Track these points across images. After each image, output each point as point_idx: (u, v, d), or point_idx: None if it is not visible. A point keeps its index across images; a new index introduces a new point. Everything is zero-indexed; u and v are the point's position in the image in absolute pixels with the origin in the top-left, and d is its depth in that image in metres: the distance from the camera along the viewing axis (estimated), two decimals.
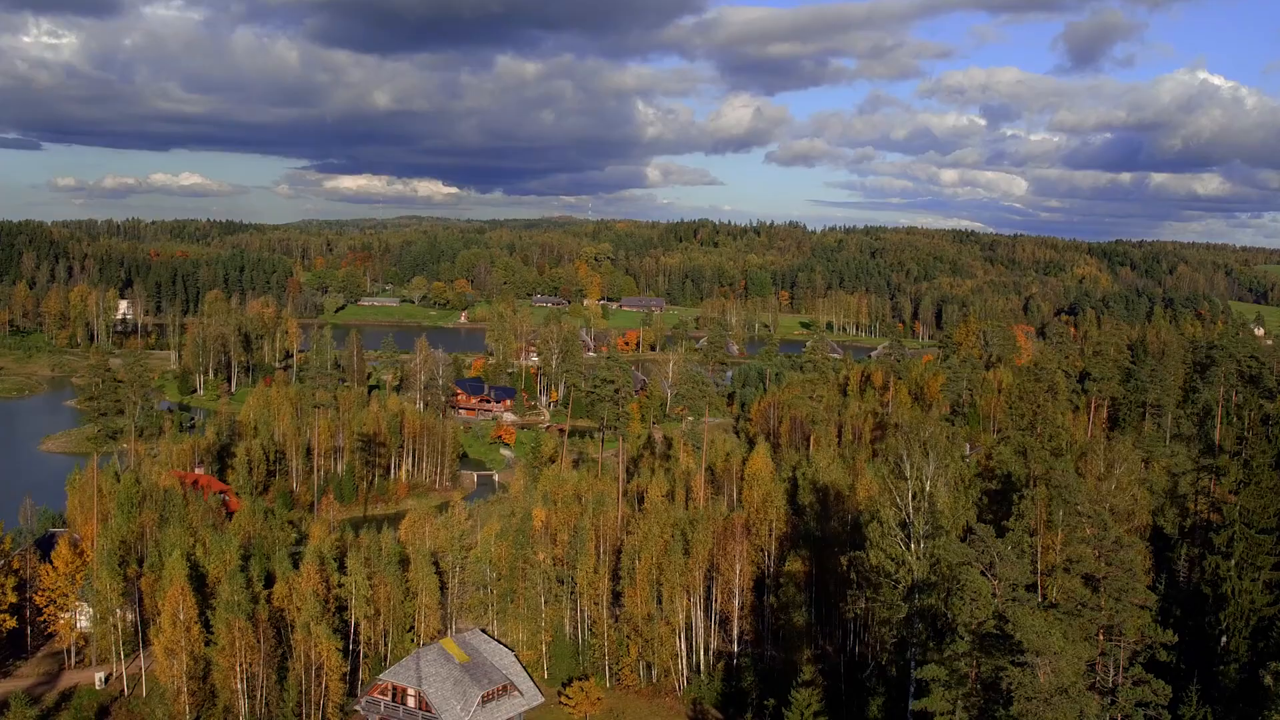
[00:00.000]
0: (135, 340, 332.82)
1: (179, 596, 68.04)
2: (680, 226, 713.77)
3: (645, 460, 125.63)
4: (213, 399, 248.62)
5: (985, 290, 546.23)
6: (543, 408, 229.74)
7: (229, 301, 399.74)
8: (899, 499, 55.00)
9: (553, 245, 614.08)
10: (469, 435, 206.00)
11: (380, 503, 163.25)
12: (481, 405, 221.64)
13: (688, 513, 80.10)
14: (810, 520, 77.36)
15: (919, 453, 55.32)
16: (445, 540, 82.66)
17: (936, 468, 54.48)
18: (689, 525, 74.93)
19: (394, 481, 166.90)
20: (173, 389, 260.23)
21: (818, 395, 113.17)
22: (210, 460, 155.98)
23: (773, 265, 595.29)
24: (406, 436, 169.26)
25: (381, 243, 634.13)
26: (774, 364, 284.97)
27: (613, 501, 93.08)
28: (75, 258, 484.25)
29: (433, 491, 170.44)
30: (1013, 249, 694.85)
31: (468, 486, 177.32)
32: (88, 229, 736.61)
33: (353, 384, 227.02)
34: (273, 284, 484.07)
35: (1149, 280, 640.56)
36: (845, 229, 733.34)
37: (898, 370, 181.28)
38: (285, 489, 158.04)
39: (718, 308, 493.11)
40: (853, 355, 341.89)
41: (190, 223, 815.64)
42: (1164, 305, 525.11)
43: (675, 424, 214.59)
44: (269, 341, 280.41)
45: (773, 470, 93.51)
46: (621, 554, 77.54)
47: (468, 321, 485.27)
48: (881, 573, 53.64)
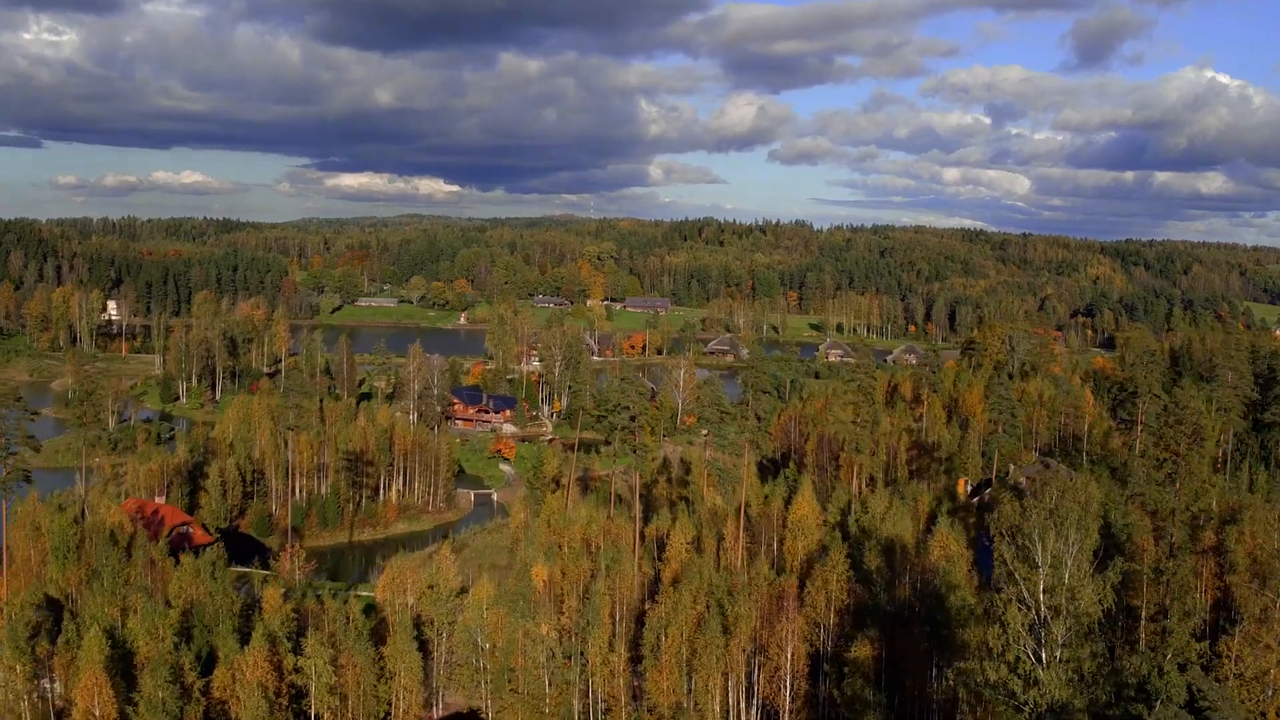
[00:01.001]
0: (120, 343, 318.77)
1: (94, 688, 54.45)
2: (684, 225, 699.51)
3: (660, 489, 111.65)
4: (196, 407, 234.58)
5: (999, 291, 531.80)
6: (545, 418, 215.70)
7: (219, 303, 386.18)
8: (1027, 592, 41.13)
9: (554, 244, 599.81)
10: (466, 449, 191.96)
11: (368, 526, 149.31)
12: (479, 416, 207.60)
13: (724, 577, 66.20)
14: (878, 587, 63.50)
15: (1047, 526, 41.47)
16: (430, 601, 68.82)
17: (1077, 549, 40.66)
18: (727, 596, 61.12)
19: (383, 503, 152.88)
20: (155, 396, 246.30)
21: (861, 418, 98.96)
22: (180, 482, 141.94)
23: (780, 265, 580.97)
24: (397, 454, 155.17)
25: (380, 241, 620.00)
26: (789, 370, 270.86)
27: (628, 548, 79.49)
28: (64, 256, 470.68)
29: (425, 513, 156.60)
30: (1024, 248, 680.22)
31: (464, 507, 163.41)
32: (83, 227, 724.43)
33: (343, 392, 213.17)
34: (267, 284, 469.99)
35: (1164, 280, 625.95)
36: (852, 228, 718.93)
37: (932, 382, 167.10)
38: (263, 512, 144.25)
39: (725, 309, 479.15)
40: (873, 358, 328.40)
41: (187, 221, 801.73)
42: (1183, 307, 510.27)
43: (688, 437, 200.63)
44: (258, 345, 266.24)
45: (819, 515, 79.63)
46: (644, 625, 63.76)
47: (467, 322, 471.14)
48: (1002, 692, 39.96)
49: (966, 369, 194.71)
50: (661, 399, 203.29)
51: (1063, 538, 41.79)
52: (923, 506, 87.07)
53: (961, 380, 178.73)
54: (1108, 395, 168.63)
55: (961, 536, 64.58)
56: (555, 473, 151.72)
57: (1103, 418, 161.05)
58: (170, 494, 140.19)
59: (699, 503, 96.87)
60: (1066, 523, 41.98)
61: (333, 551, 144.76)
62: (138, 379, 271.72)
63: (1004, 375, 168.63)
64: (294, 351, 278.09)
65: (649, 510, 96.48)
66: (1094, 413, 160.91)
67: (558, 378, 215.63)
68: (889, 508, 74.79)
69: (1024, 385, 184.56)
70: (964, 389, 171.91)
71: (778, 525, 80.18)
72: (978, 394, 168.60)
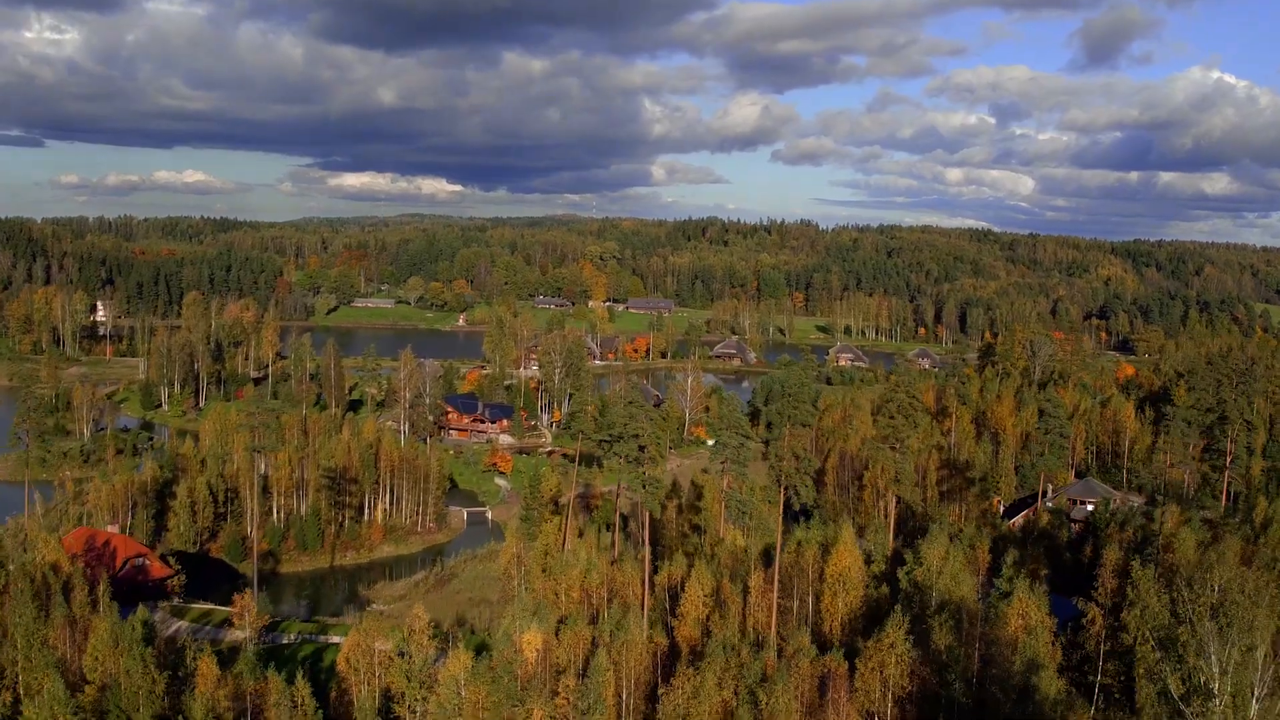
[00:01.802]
0: (105, 346, 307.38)
1: None
2: (688, 225, 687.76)
3: (670, 515, 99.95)
4: (178, 415, 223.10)
5: (1011, 292, 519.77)
6: (544, 428, 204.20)
7: (210, 304, 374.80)
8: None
9: (556, 244, 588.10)
10: (459, 461, 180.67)
11: (351, 550, 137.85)
12: (475, 426, 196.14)
13: (755, 655, 54.72)
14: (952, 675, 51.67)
15: (1212, 634, 30.21)
16: (400, 673, 57.34)
17: (1269, 670, 29.47)
18: (759, 685, 49.79)
19: (367, 524, 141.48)
20: (136, 403, 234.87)
21: (902, 441, 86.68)
22: (147, 502, 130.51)
23: (786, 265, 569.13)
24: (383, 470, 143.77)
25: (378, 241, 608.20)
26: (800, 376, 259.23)
27: (635, 601, 68.16)
28: (54, 256, 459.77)
29: (413, 535, 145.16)
30: (1033, 249, 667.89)
31: (455, 527, 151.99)
32: (79, 226, 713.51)
33: (330, 401, 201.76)
34: (260, 284, 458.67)
35: (1175, 281, 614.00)
36: (859, 227, 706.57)
37: (961, 393, 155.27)
38: (238, 535, 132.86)
39: (730, 310, 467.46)
40: (884, 364, 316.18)
41: (184, 220, 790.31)
42: (1199, 309, 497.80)
43: (695, 449, 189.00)
44: (245, 349, 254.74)
45: (862, 567, 68.07)
46: (656, 703, 52.37)
47: (466, 324, 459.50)
48: None
49: (993, 378, 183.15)
50: (667, 408, 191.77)
51: (1232, 645, 30.41)
52: (982, 554, 75.48)
53: (989, 390, 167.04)
54: (1150, 408, 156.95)
55: (1043, 600, 53.43)
56: (554, 491, 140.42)
57: (1144, 432, 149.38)
58: (135, 515, 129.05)
59: (717, 544, 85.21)
60: (1235, 625, 30.61)
61: (312, 578, 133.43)
62: (120, 384, 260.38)
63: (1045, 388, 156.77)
64: (285, 355, 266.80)
65: (657, 543, 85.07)
66: (1135, 427, 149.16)
67: (558, 385, 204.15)
68: (946, 558, 63.20)
69: (1054, 396, 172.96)
70: (992, 400, 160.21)
71: (813, 578, 68.57)
72: (1008, 405, 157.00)
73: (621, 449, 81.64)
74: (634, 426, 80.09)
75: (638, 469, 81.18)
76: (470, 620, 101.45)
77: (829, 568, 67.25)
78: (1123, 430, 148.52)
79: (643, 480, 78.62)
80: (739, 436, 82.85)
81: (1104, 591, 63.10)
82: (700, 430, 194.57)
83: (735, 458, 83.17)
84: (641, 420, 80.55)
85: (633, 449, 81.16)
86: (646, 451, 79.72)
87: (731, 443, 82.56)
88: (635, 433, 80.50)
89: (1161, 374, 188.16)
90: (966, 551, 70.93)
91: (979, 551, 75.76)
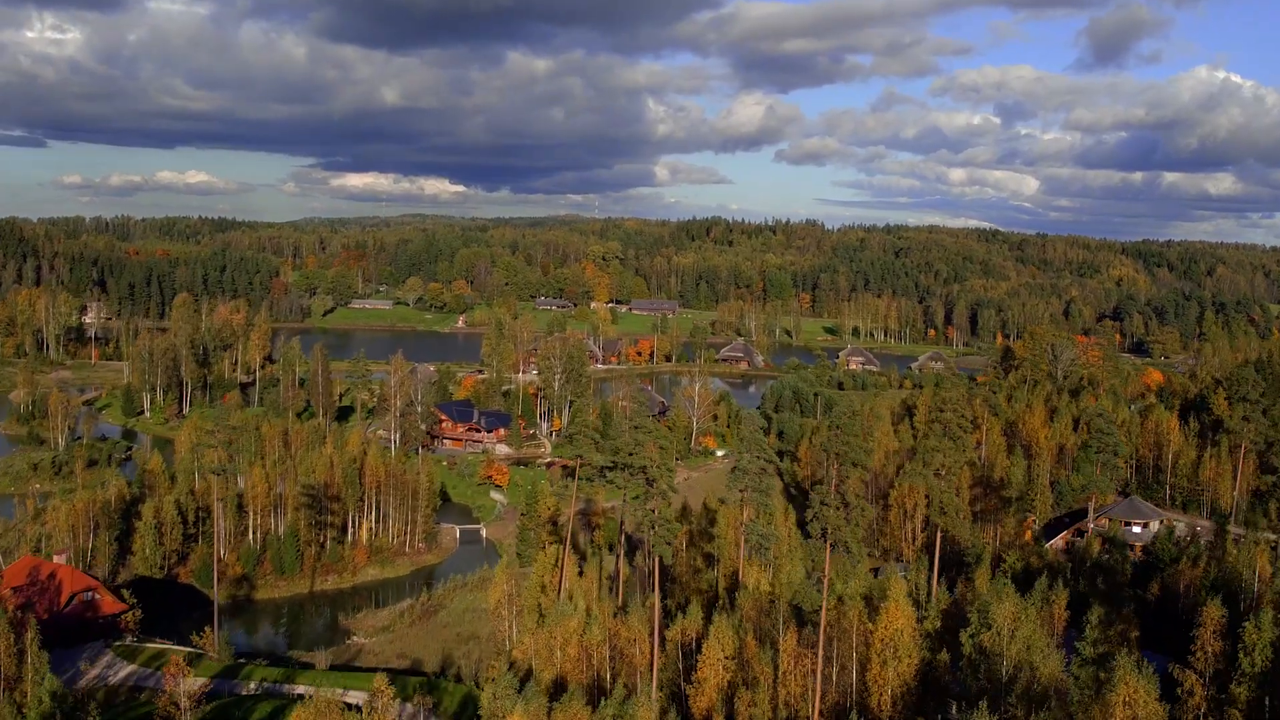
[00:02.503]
0: (90, 350, 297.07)
1: None
2: (692, 225, 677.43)
3: (679, 547, 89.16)
4: (160, 423, 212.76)
5: (1022, 293, 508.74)
6: (543, 437, 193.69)
7: (201, 306, 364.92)
8: None
9: (558, 244, 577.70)
10: (453, 473, 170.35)
11: (332, 574, 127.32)
12: (470, 435, 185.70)
13: None
14: None
15: None
16: None
17: None
18: None
19: (351, 545, 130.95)
20: (118, 409, 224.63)
21: (947, 468, 75.57)
22: (110, 523, 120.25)
23: (792, 266, 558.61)
24: (368, 486, 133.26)
25: (376, 241, 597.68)
26: (812, 381, 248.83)
27: (643, 664, 57.75)
28: (45, 257, 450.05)
29: (401, 556, 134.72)
30: (1043, 249, 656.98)
31: (447, 546, 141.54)
32: (75, 226, 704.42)
33: (318, 408, 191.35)
34: (256, 285, 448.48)
35: (1188, 282, 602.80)
36: (865, 227, 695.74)
37: (991, 403, 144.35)
38: (210, 557, 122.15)
39: (735, 311, 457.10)
40: (898, 367, 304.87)
41: (181, 220, 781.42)
42: (1215, 310, 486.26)
43: (704, 460, 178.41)
44: (232, 353, 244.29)
45: (914, 627, 57.52)
46: None
47: (466, 326, 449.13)
48: None
49: (1019, 385, 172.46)
50: (674, 417, 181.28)
51: None
52: (1059, 610, 64.75)
53: (1018, 399, 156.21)
54: (1194, 419, 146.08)
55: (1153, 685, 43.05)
56: (552, 510, 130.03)
57: (1189, 446, 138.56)
58: (98, 537, 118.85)
59: (737, 589, 74.40)
60: None
61: (290, 604, 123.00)
62: (103, 389, 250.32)
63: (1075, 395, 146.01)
64: (274, 359, 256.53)
65: (667, 581, 74.54)
66: (1179, 440, 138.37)
67: (557, 391, 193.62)
68: (1018, 619, 52.32)
69: (1089, 405, 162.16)
70: (1022, 410, 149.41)
71: (858, 641, 57.78)
72: (1039, 415, 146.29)
73: (627, 485, 70.82)
74: (640, 456, 69.28)
75: (644, 504, 70.42)
76: (458, 661, 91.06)
77: (878, 629, 56.35)
78: (1165, 443, 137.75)
79: (651, 520, 67.98)
80: (760, 460, 72.26)
81: (1204, 657, 52.78)
82: (709, 440, 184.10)
83: (756, 485, 72.66)
84: (649, 446, 69.96)
85: (639, 486, 70.15)
86: (655, 485, 69.18)
87: (751, 468, 71.95)
88: (642, 463, 69.75)
89: (1198, 380, 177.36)
90: (1039, 607, 60.20)
91: (1055, 608, 65.11)
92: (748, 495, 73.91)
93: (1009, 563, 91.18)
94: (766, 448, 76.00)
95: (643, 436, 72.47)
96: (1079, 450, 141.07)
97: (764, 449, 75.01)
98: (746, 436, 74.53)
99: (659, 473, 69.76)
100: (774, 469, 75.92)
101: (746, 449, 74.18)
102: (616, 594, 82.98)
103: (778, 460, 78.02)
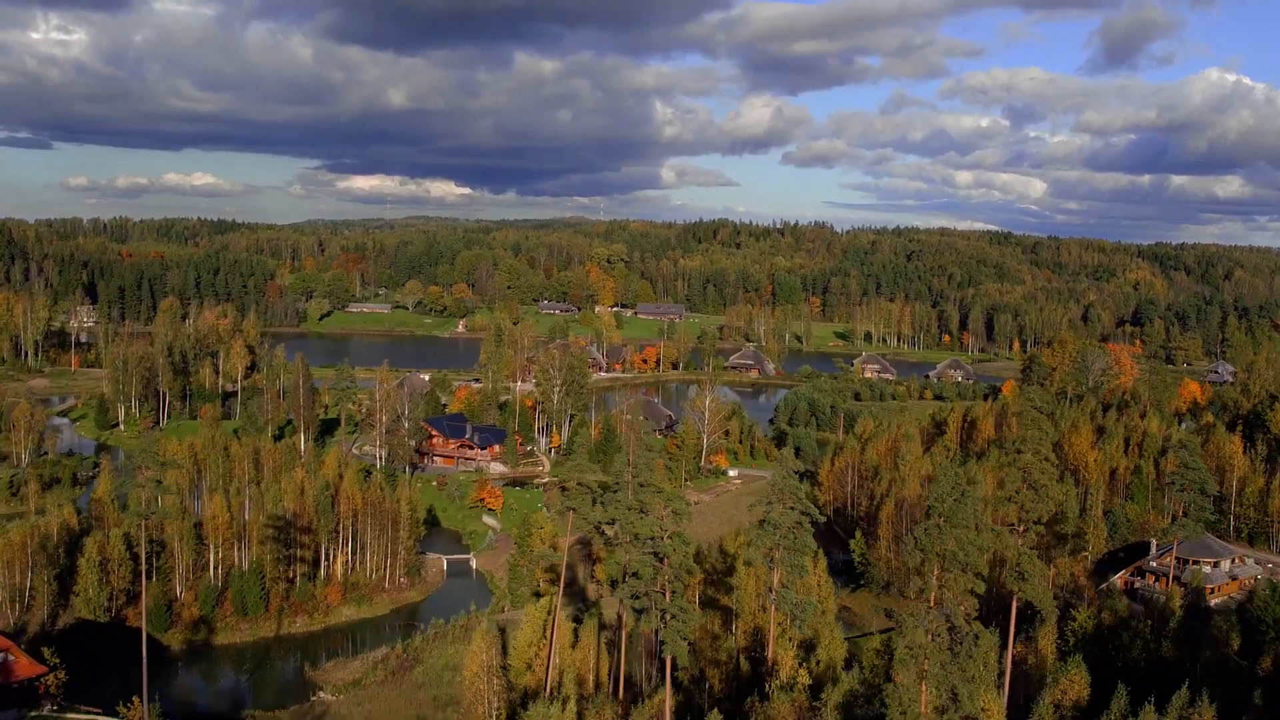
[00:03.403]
0: (71, 356, 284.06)
1: None
2: (699, 227, 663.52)
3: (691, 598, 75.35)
4: (135, 436, 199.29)
5: (1039, 298, 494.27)
6: (541, 454, 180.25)
7: (188, 310, 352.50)
8: None
9: (562, 246, 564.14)
10: (443, 495, 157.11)
11: (302, 614, 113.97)
12: (462, 452, 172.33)
13: None
14: None
15: None
16: None
17: None
18: None
19: (324, 581, 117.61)
20: (91, 422, 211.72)
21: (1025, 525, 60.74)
22: (52, 561, 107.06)
23: (802, 269, 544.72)
24: (343, 515, 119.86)
25: (376, 243, 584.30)
26: (827, 391, 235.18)
27: None
28: (34, 258, 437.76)
29: (380, 593, 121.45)
30: (1057, 252, 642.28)
31: (432, 580, 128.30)
32: (72, 228, 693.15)
33: (299, 422, 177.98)
34: (250, 289, 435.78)
35: (1205, 286, 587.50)
36: (876, 230, 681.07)
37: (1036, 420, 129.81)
38: (165, 596, 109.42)
39: (744, 315, 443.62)
40: (916, 376, 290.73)
41: (180, 221, 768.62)
42: (1238, 315, 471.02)
43: (715, 481, 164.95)
44: (214, 361, 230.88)
45: None
46: None
47: (466, 331, 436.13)
48: None
49: (1065, 403, 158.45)
50: (682, 432, 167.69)
51: None
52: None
53: (1062, 417, 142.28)
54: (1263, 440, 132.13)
55: None
56: (552, 540, 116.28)
57: (1255, 471, 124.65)
58: (36, 575, 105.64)
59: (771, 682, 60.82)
60: None
61: (254, 649, 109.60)
62: (80, 398, 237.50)
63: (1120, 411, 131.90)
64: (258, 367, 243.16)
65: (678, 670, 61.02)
66: (1243, 464, 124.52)
67: (556, 405, 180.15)
68: None
69: (1138, 423, 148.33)
70: (1067, 429, 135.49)
71: None
72: (1086, 436, 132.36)
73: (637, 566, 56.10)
74: (647, 524, 55.08)
75: (652, 584, 56.15)
76: None
77: None
78: (1228, 469, 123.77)
79: (663, 609, 54.11)
80: (795, 512, 58.55)
81: None
82: (720, 458, 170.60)
83: (791, 544, 58.97)
84: (661, 515, 56.03)
85: (648, 569, 55.29)
86: (667, 562, 55.34)
87: (784, 522, 58.21)
88: (651, 534, 55.77)
89: (1251, 395, 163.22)
90: None
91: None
92: (780, 556, 60.40)
93: (1079, 621, 77.56)
94: (803, 497, 62.31)
95: (649, 496, 58.48)
96: (1132, 475, 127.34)
97: (799, 498, 61.38)
98: (779, 483, 60.86)
99: (671, 547, 55.97)
100: (810, 522, 62.06)
101: (779, 497, 60.51)
102: (616, 670, 69.38)
103: (816, 511, 64.09)
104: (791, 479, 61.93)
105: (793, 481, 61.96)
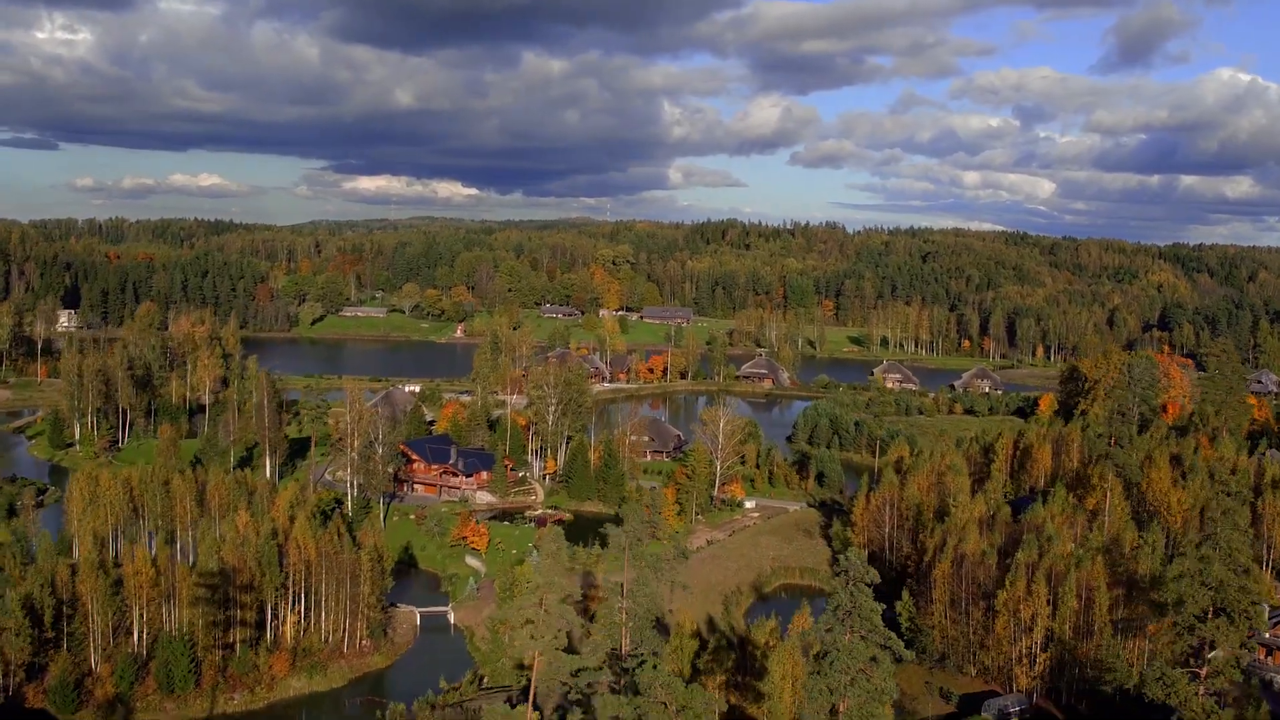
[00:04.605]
0: (38, 365, 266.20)
1: None
2: (707, 227, 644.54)
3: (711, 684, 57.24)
4: (90, 456, 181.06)
5: (1061, 300, 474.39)
6: (534, 481, 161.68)
7: (168, 314, 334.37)
8: None
9: (565, 247, 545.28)
10: (422, 530, 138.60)
11: (241, 689, 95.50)
12: (446, 480, 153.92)
13: None
14: None
15: None
16: None
17: None
18: None
19: (269, 647, 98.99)
20: (45, 441, 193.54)
21: (1202, 639, 44.73)
22: None
23: (814, 271, 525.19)
24: (293, 568, 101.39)
25: (374, 245, 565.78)
26: (848, 405, 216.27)
27: None
28: (16, 260, 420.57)
29: (338, 658, 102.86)
30: (1076, 253, 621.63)
31: (401, 639, 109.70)
32: (66, 228, 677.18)
33: (263, 446, 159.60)
34: (240, 292, 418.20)
35: (1230, 288, 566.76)
36: (889, 230, 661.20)
37: (1114, 458, 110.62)
38: (77, 670, 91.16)
39: (754, 320, 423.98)
40: (943, 386, 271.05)
41: (175, 221, 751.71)
42: (1270, 319, 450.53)
43: (729, 514, 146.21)
44: (181, 374, 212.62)
45: None
46: None
47: (464, 335, 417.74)
48: None
49: (1120, 422, 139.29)
50: (693, 459, 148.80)
51: None
52: None
53: (1136, 448, 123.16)
54: None
55: None
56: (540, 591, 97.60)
57: None
58: None
59: None
60: None
61: None
62: (41, 413, 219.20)
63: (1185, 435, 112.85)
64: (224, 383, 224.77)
65: None
66: None
67: (552, 427, 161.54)
68: None
69: (1208, 450, 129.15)
70: (1142, 461, 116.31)
71: None
72: (1165, 473, 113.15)
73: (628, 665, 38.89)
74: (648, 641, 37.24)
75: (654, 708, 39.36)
76: None
77: None
78: None
79: None
80: (872, 645, 40.44)
81: None
82: (736, 487, 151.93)
83: (865, 691, 40.23)
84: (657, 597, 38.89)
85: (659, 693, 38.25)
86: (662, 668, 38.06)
87: (857, 659, 39.99)
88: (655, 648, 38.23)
89: None
90: None
91: None
92: (848, 709, 41.95)
93: None
94: (879, 622, 43.70)
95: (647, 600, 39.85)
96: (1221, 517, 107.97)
97: (875, 623, 42.76)
98: (845, 602, 41.83)
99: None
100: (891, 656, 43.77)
101: (843, 618, 41.55)
102: None
103: (899, 643, 45.47)
104: (863, 594, 43.20)
105: (865, 598, 43.24)
